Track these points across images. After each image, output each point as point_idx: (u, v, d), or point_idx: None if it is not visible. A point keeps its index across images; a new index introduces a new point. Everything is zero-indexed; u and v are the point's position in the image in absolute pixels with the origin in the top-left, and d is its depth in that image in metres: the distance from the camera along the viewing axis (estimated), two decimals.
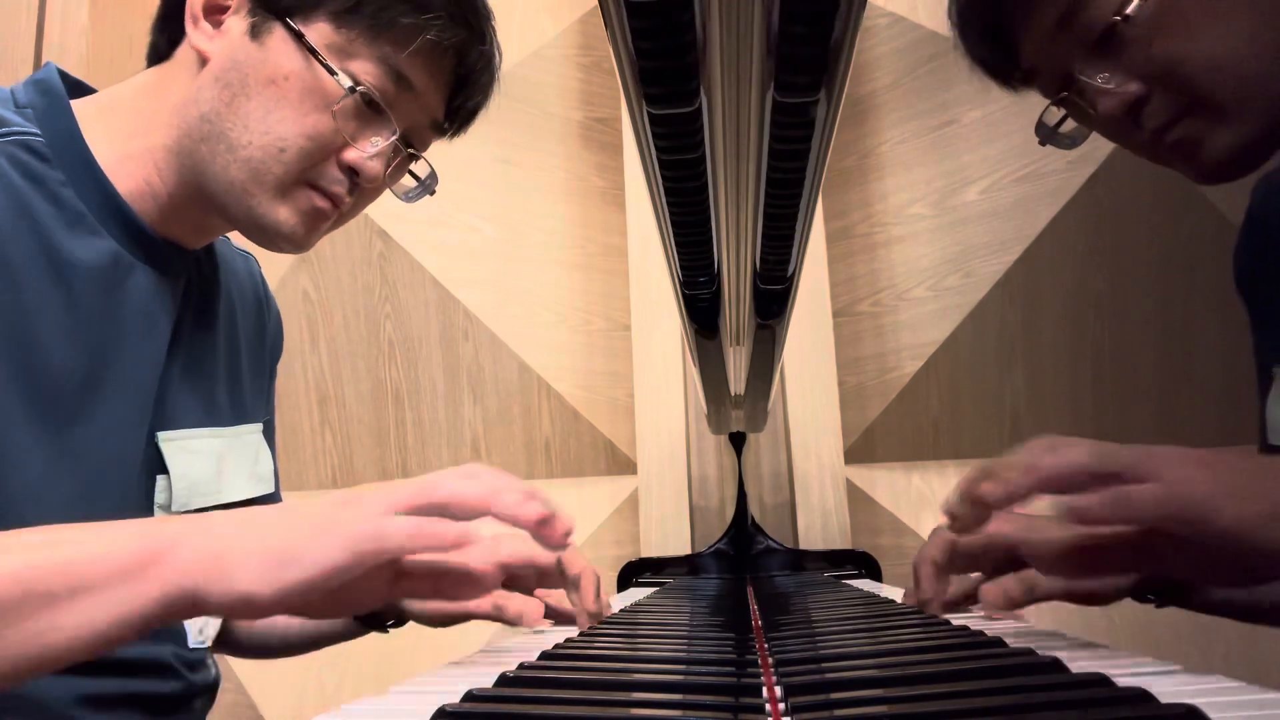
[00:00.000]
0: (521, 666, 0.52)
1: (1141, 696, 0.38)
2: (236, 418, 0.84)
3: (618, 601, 1.06)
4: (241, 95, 0.70)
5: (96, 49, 1.64)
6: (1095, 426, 1.65)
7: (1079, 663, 0.45)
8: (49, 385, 0.65)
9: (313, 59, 0.71)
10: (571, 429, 1.78)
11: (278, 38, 0.71)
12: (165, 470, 0.75)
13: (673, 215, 0.68)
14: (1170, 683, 0.41)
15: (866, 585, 1.24)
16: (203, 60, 0.72)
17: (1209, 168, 0.75)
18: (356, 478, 1.75)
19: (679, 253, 0.75)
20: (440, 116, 0.80)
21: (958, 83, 1.60)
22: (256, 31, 0.71)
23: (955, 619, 0.68)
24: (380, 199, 0.81)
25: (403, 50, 0.73)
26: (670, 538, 1.64)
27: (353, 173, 0.74)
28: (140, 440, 0.72)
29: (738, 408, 1.39)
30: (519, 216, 1.81)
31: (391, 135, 0.74)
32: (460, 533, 0.48)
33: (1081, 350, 1.64)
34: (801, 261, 0.82)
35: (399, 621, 0.88)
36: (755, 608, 0.88)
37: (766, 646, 0.59)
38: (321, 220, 0.75)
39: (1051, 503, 0.50)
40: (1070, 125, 0.81)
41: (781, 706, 0.42)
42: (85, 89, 0.76)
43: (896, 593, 0.96)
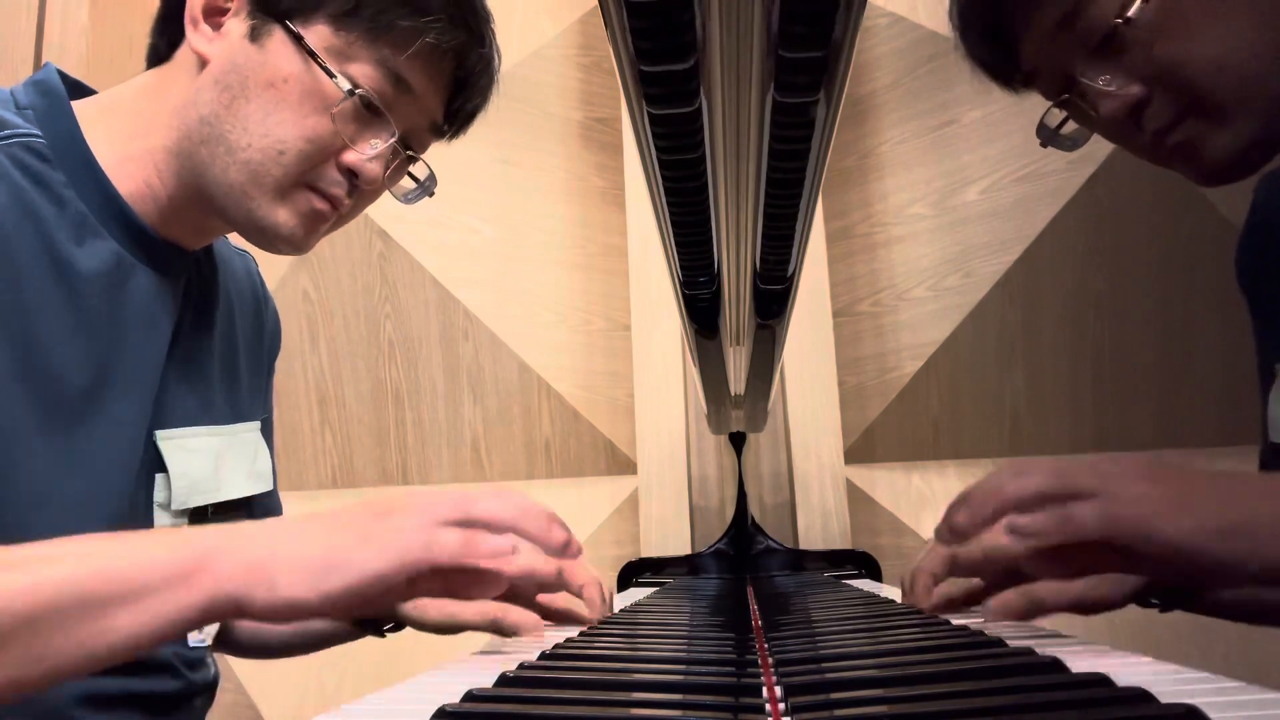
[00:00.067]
0: (522, 666, 0.52)
1: (1141, 696, 0.38)
2: (234, 416, 0.84)
3: (618, 602, 1.06)
4: (241, 97, 0.70)
5: (96, 49, 1.64)
6: (1095, 426, 1.65)
7: (1079, 663, 0.45)
8: (54, 387, 0.65)
9: (312, 61, 0.71)
10: (571, 429, 1.78)
11: (277, 40, 0.71)
12: (164, 469, 0.75)
13: (673, 215, 0.68)
14: (1170, 683, 0.41)
15: (866, 585, 1.24)
16: (202, 62, 0.72)
17: (1210, 169, 0.75)
18: (356, 478, 1.75)
19: (679, 253, 0.75)
20: (439, 119, 0.80)
21: (958, 83, 1.60)
22: (256, 34, 0.71)
23: (955, 619, 0.68)
24: (380, 200, 0.81)
25: (402, 53, 0.73)
26: (670, 538, 1.63)
27: (352, 175, 0.74)
28: (141, 440, 0.73)
29: (738, 408, 1.39)
30: (519, 216, 1.81)
31: (390, 137, 0.74)
32: (505, 547, 0.53)
33: (1081, 350, 1.64)
34: (801, 261, 0.82)
35: (397, 626, 0.88)
36: (755, 608, 0.88)
37: (766, 646, 0.59)
38: (320, 222, 0.75)
39: (1004, 524, 0.54)
40: (1071, 127, 0.81)
41: (781, 706, 0.42)
42: (85, 90, 0.76)
43: (896, 593, 0.96)
